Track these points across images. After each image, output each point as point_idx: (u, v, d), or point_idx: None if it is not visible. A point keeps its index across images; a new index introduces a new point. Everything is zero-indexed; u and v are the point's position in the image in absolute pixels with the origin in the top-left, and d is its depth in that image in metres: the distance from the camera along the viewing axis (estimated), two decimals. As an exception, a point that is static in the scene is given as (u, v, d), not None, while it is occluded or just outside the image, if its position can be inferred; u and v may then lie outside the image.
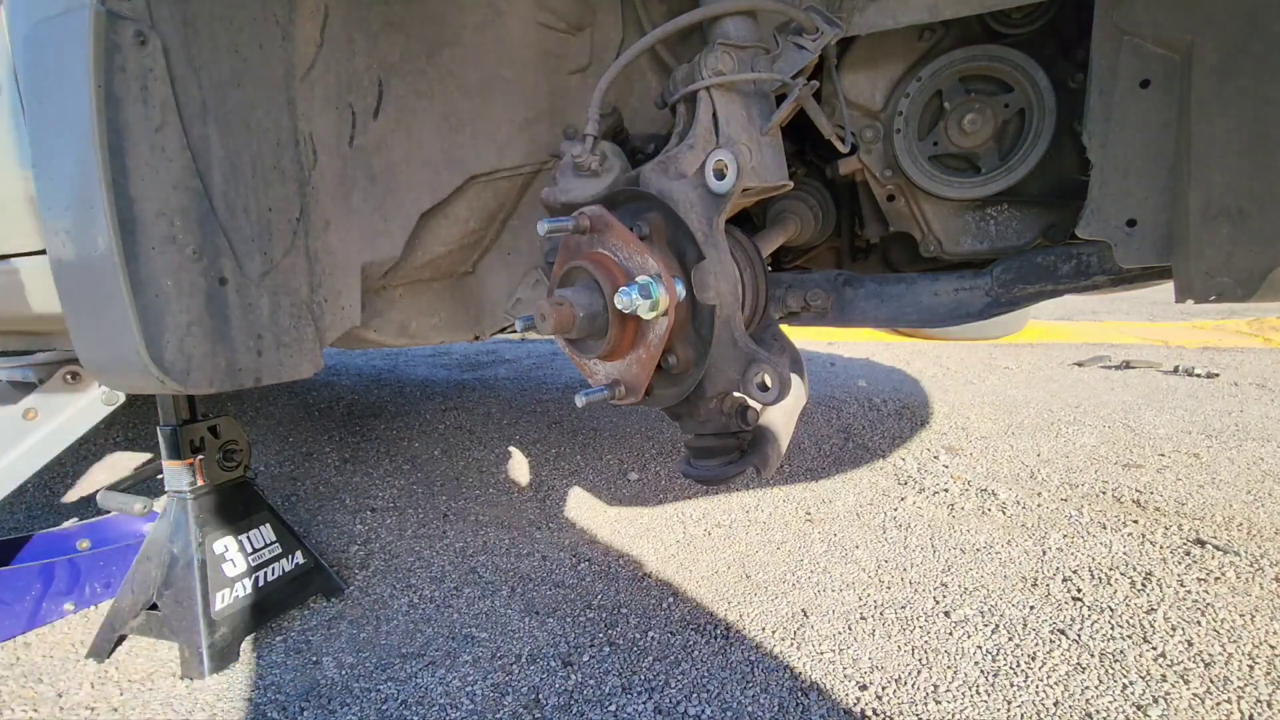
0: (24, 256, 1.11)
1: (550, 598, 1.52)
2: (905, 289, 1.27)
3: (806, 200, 1.33)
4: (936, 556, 1.62)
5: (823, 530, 1.79)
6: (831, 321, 1.32)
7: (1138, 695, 1.14)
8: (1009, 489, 1.98)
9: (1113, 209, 0.99)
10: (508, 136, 1.22)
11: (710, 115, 0.84)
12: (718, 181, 0.81)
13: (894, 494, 2.00)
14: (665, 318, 0.77)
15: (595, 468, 2.29)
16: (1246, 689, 1.14)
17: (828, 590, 1.50)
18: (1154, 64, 0.93)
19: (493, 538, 1.82)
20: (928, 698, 1.16)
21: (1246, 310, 4.74)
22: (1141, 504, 1.85)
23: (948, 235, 1.24)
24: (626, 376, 0.84)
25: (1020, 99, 1.11)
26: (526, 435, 2.63)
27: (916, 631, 1.34)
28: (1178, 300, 0.96)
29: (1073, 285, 1.14)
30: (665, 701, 1.18)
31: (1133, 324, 4.80)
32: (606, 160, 0.94)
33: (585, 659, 1.31)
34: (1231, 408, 2.68)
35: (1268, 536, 1.64)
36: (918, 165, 1.18)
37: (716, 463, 0.91)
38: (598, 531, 1.84)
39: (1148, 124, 0.95)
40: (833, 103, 1.08)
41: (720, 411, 0.87)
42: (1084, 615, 1.36)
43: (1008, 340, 4.24)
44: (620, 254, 0.82)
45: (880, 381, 3.26)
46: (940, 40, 1.14)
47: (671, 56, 1.19)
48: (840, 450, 2.37)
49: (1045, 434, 2.46)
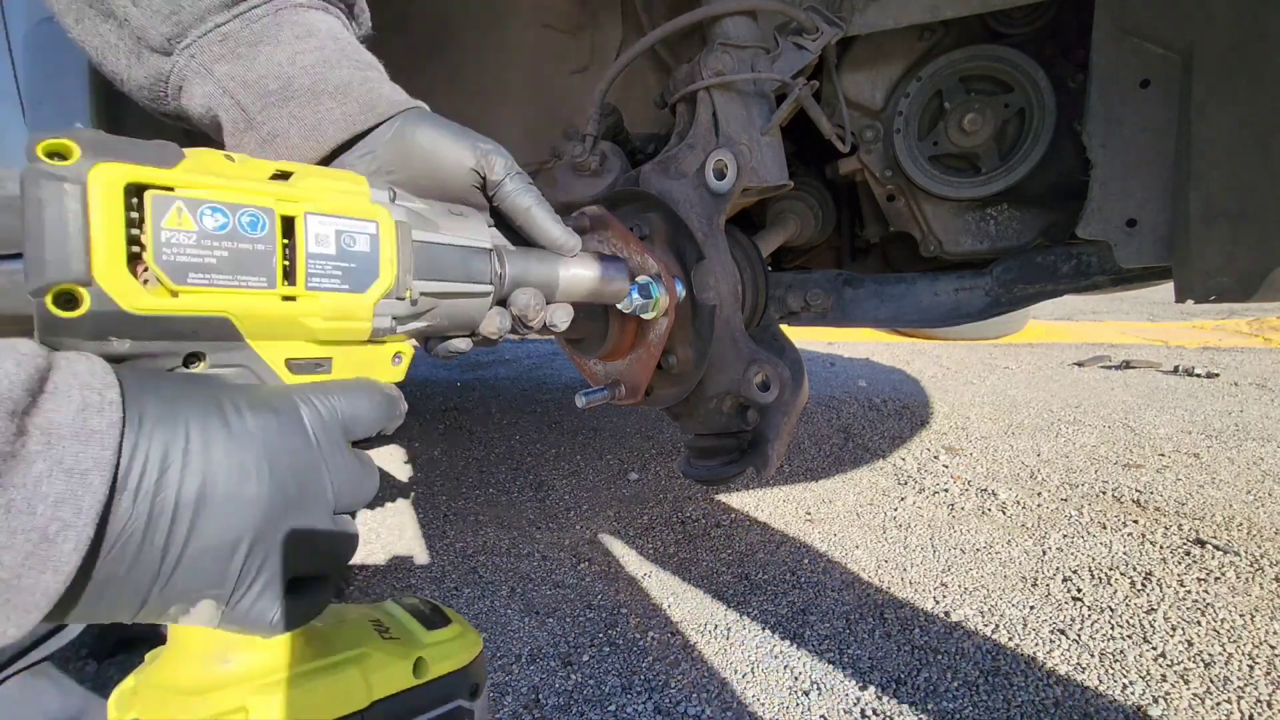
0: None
1: (550, 598, 1.52)
2: (905, 289, 1.27)
3: (806, 200, 1.33)
4: (936, 556, 1.62)
5: (823, 530, 1.79)
6: (831, 321, 1.32)
7: (1138, 695, 1.14)
8: (1009, 489, 1.98)
9: (1113, 209, 0.99)
10: (507, 136, 1.22)
11: (710, 115, 0.84)
12: (718, 181, 0.81)
13: (894, 494, 2.00)
14: (665, 318, 0.77)
15: (595, 468, 2.29)
16: (1246, 689, 1.14)
17: (828, 590, 1.50)
18: (1154, 64, 0.93)
19: (493, 538, 1.82)
20: (927, 697, 1.16)
21: (1246, 310, 4.74)
22: (1141, 504, 1.85)
23: (948, 235, 1.24)
24: (627, 377, 0.84)
25: (1020, 99, 1.11)
26: (526, 435, 2.63)
27: (916, 631, 1.34)
28: (1178, 300, 0.96)
29: (1073, 285, 1.14)
30: (665, 701, 1.18)
31: (1133, 324, 4.80)
32: (606, 160, 0.94)
33: (585, 659, 1.31)
34: (1231, 408, 2.68)
35: (1268, 536, 1.64)
36: (918, 165, 1.18)
37: (716, 463, 0.91)
38: (598, 531, 1.84)
39: (1148, 124, 0.95)
40: (833, 103, 1.08)
41: (720, 411, 0.87)
42: (1084, 615, 1.36)
43: (1008, 340, 4.24)
44: (620, 254, 0.82)
45: (880, 381, 3.26)
46: (940, 40, 1.14)
47: (671, 56, 1.19)
48: (840, 450, 2.37)
49: (1045, 434, 2.46)
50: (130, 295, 0.32)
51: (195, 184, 0.34)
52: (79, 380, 0.30)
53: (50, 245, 0.30)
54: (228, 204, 0.35)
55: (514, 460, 2.38)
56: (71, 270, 0.31)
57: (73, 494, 0.29)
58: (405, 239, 0.43)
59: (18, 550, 0.27)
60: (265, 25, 0.47)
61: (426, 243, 0.45)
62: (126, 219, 0.32)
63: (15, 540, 0.27)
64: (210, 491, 0.34)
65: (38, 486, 0.28)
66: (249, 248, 0.35)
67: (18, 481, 0.27)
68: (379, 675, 0.41)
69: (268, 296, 0.36)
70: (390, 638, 0.44)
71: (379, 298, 0.41)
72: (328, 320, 0.39)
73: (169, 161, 0.34)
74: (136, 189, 0.32)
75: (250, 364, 0.38)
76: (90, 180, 0.31)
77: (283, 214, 0.37)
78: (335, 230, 0.39)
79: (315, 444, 0.39)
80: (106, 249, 0.31)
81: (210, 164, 0.36)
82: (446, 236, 0.46)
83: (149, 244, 0.32)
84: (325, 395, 0.40)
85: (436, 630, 0.45)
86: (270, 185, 0.37)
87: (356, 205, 0.40)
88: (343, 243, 0.39)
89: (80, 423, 0.30)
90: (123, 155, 0.32)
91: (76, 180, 0.31)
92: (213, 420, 0.35)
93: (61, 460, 0.29)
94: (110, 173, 0.31)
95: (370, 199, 0.42)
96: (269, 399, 0.38)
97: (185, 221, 0.33)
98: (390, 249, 0.41)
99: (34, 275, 0.31)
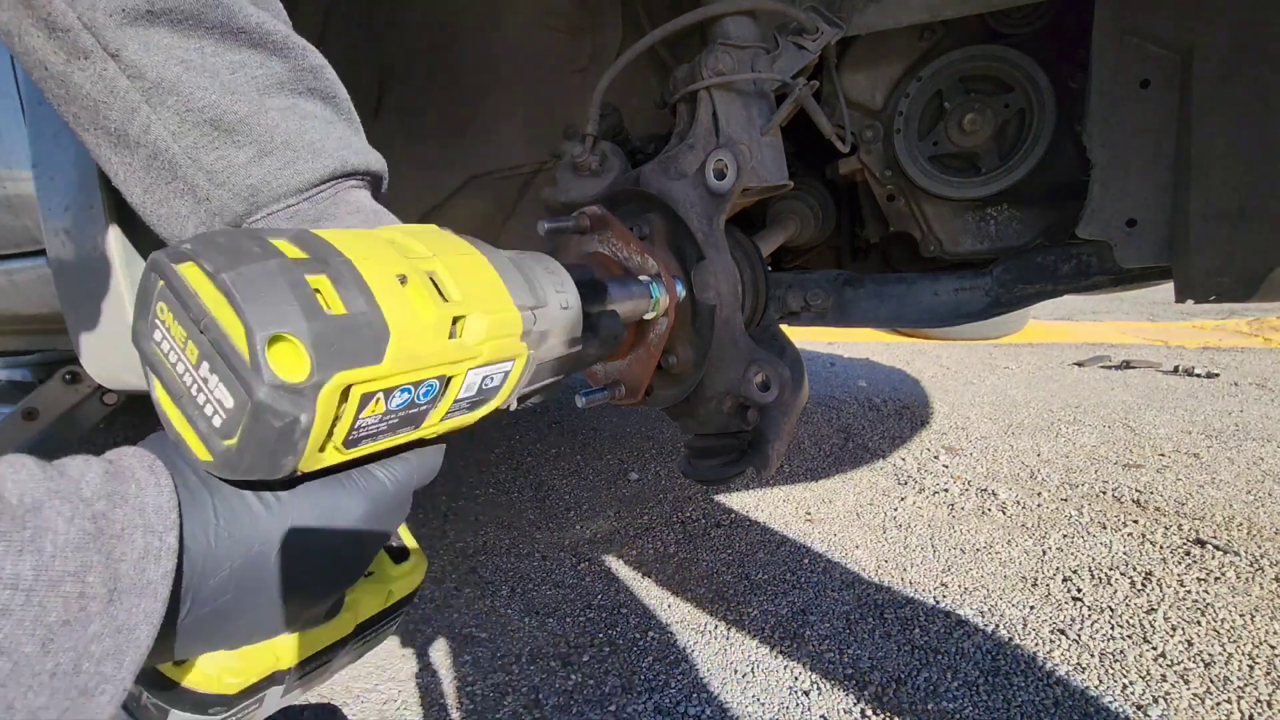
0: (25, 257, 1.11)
1: (550, 598, 1.52)
2: (905, 289, 1.27)
3: (806, 200, 1.33)
4: (936, 556, 1.62)
5: (823, 530, 1.79)
6: (831, 321, 1.32)
7: (1138, 695, 1.14)
8: (1009, 489, 1.98)
9: (1113, 209, 0.99)
10: (507, 136, 1.22)
11: (710, 115, 0.84)
12: (718, 181, 0.81)
13: (894, 494, 2.00)
14: (665, 318, 0.77)
15: (595, 468, 2.29)
16: (1246, 689, 1.14)
17: (828, 590, 1.50)
18: (1154, 64, 0.93)
19: (493, 538, 1.82)
20: (928, 697, 1.16)
21: (1246, 310, 4.74)
22: (1141, 504, 1.85)
23: (948, 235, 1.24)
24: (627, 377, 0.84)
25: (1020, 99, 1.11)
26: (526, 435, 2.63)
27: (916, 631, 1.34)
28: (1178, 300, 0.96)
29: (1073, 285, 1.14)
30: (665, 701, 1.18)
31: (1133, 324, 4.80)
32: (606, 160, 0.94)
33: (585, 659, 1.31)
34: (1231, 408, 2.68)
35: (1268, 536, 1.64)
36: (918, 165, 1.17)
37: (716, 463, 0.90)
38: (598, 531, 1.84)
39: (1148, 124, 0.95)
40: (833, 103, 1.08)
41: (720, 411, 0.87)
42: (1084, 615, 1.36)
43: (1008, 340, 4.24)
44: (620, 254, 0.82)
45: (880, 381, 3.26)
46: (940, 40, 1.14)
47: (671, 56, 1.19)
48: (840, 450, 2.37)
49: (1045, 434, 2.46)
50: (309, 463, 0.33)
51: (397, 374, 0.34)
52: (144, 521, 0.31)
53: (271, 457, 0.31)
54: (414, 383, 0.36)
55: (514, 460, 2.38)
56: (277, 471, 0.32)
57: (118, 649, 0.29)
58: (530, 366, 0.44)
59: (55, 709, 0.27)
60: (326, 205, 0.53)
61: (541, 362, 0.47)
62: (335, 415, 0.32)
63: (55, 699, 0.27)
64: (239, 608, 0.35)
65: (88, 647, 0.28)
66: (417, 410, 0.37)
67: (69, 645, 0.27)
68: (362, 607, 0.48)
69: (409, 436, 0.39)
70: (368, 574, 0.51)
71: (487, 414, 0.44)
72: (435, 432, 0.41)
73: (379, 349, 0.33)
74: (350, 387, 0.32)
75: None
76: (320, 402, 0.31)
77: (450, 375, 0.38)
78: (482, 376, 0.40)
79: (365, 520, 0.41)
80: (311, 448, 0.32)
81: (406, 335, 0.35)
82: (554, 349, 0.48)
83: (342, 430, 0.33)
84: (392, 466, 0.43)
85: (401, 564, 0.52)
86: (449, 349, 0.37)
87: (508, 349, 0.41)
88: (484, 384, 0.41)
89: (139, 573, 0.30)
90: (346, 355, 0.32)
91: (311, 405, 0.30)
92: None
93: (115, 618, 0.29)
94: (336, 385, 0.31)
95: (520, 338, 0.43)
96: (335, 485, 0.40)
97: (379, 407, 0.34)
98: (515, 380, 0.43)
99: (233, 468, 0.32)
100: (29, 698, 0.26)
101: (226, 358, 0.30)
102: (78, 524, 0.28)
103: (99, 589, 0.28)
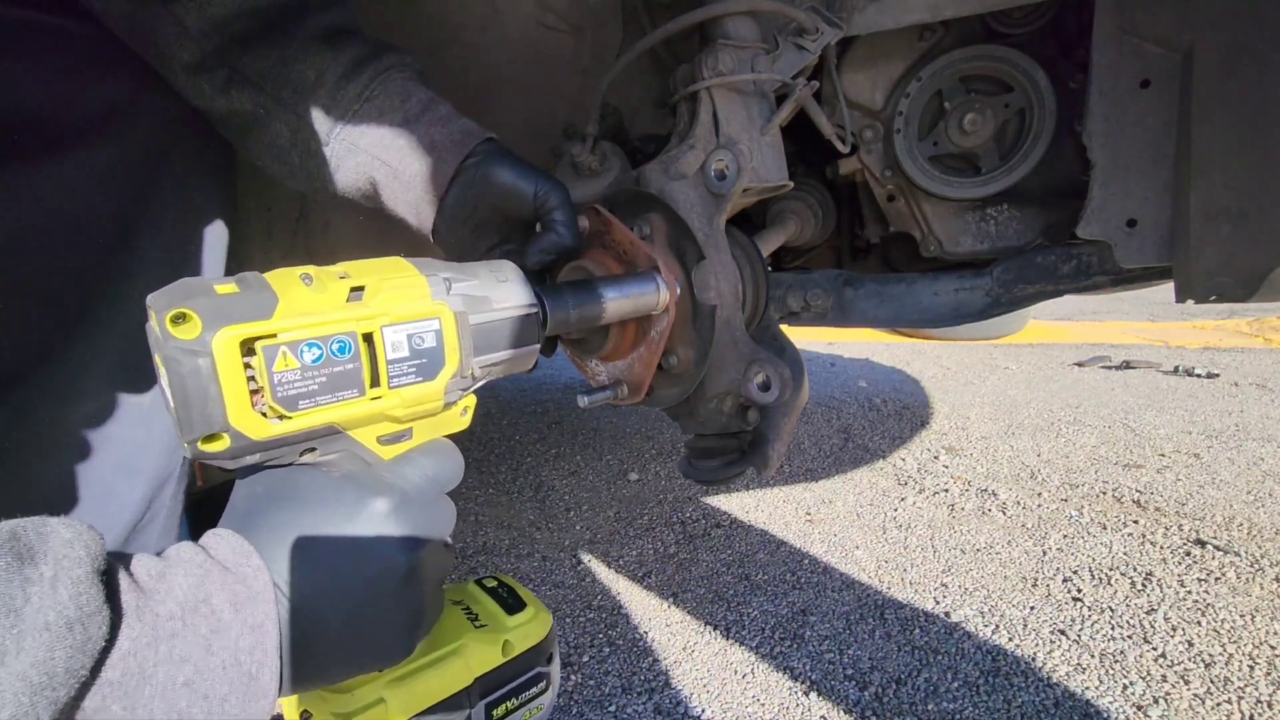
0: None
1: (550, 598, 1.52)
2: (905, 289, 1.27)
3: (806, 200, 1.33)
4: (936, 557, 1.62)
5: (823, 530, 1.79)
6: (831, 321, 1.32)
7: (1138, 695, 1.14)
8: (1009, 489, 1.98)
9: (1113, 209, 0.99)
10: (507, 136, 1.22)
11: (711, 115, 0.84)
12: (718, 181, 0.81)
13: (894, 494, 2.00)
14: (666, 316, 0.77)
15: (595, 468, 2.29)
16: (1247, 689, 1.14)
17: (828, 590, 1.50)
18: (1154, 64, 0.93)
19: (493, 538, 1.82)
20: (928, 698, 1.16)
21: (1246, 310, 4.74)
22: (1142, 504, 1.85)
23: (948, 235, 1.24)
24: (628, 377, 0.84)
25: (1020, 99, 1.11)
26: (526, 435, 2.63)
27: (916, 631, 1.34)
28: (1178, 300, 0.96)
29: (1073, 285, 1.14)
30: (665, 702, 1.18)
31: (1133, 324, 4.80)
32: (606, 160, 0.94)
33: (585, 659, 1.31)
34: (1232, 408, 2.68)
35: (1268, 536, 1.64)
36: (918, 165, 1.17)
37: (716, 463, 0.90)
38: (598, 531, 1.84)
39: (1148, 124, 0.95)
40: (833, 103, 1.08)
41: (720, 412, 0.87)
42: (1084, 615, 1.36)
43: (1008, 340, 4.24)
44: (621, 253, 0.82)
45: (880, 382, 3.26)
46: (940, 40, 1.14)
47: (671, 56, 1.19)
48: (840, 450, 2.37)
49: (1045, 434, 2.46)
50: (256, 428, 0.40)
51: (292, 328, 0.41)
52: (229, 595, 0.40)
53: (194, 406, 0.38)
54: (320, 337, 0.42)
55: (514, 460, 2.38)
56: (214, 423, 0.39)
57: (259, 642, 0.40)
58: (465, 326, 0.50)
59: (236, 696, 0.38)
60: (377, 103, 0.67)
61: (483, 323, 0.51)
62: (245, 370, 0.40)
63: (234, 688, 0.38)
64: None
65: (236, 643, 0.39)
66: (341, 369, 0.43)
67: (222, 646, 0.38)
68: (476, 659, 0.53)
69: (360, 402, 0.45)
70: (480, 625, 0.56)
71: (447, 381, 0.49)
72: (408, 407, 0.47)
73: (267, 310, 0.40)
74: (249, 342, 0.39)
75: (350, 447, 0.47)
76: (215, 350, 0.38)
77: (363, 332, 0.44)
78: (406, 335, 0.46)
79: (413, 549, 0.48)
80: (235, 400, 0.39)
81: (297, 301, 0.42)
82: (498, 312, 0.53)
83: (265, 385, 0.40)
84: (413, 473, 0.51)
85: (516, 615, 0.57)
86: (349, 309, 0.44)
87: (421, 307, 0.47)
88: (413, 343, 0.46)
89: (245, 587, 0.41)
90: (233, 316, 0.39)
91: (205, 352, 0.38)
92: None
93: (245, 620, 0.40)
94: (229, 338, 0.38)
95: (431, 298, 0.48)
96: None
97: (290, 362, 0.41)
98: (453, 339, 0.49)
99: (185, 429, 0.39)
100: (213, 687, 0.37)
101: (156, 347, 0.39)
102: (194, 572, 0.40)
103: (225, 605, 0.39)
